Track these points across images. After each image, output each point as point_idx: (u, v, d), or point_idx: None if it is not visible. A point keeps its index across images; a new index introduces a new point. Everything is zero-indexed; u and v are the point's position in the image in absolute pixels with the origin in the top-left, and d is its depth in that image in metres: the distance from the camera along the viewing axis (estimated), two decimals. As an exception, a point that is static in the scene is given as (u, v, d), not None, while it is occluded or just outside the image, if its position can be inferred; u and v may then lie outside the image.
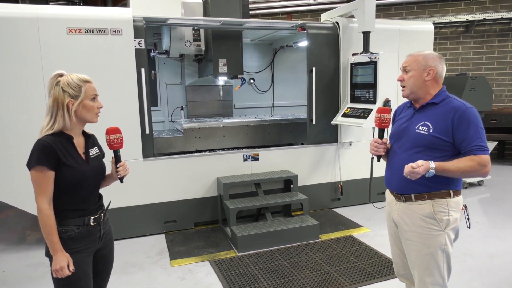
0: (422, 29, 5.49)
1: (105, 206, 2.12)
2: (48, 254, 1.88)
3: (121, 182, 2.10)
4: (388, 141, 2.31)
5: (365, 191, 5.18)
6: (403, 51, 5.23)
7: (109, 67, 4.07)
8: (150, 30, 5.50)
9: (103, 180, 2.11)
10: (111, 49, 4.06)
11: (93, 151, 2.05)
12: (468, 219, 2.17)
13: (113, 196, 2.42)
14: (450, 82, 6.26)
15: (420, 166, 1.92)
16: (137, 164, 4.29)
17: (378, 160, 2.31)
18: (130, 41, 4.12)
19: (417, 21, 7.10)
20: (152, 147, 4.41)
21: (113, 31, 4.04)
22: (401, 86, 2.21)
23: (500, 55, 8.51)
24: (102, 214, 2.03)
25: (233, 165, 4.78)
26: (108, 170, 2.13)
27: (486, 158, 1.94)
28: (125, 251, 4.03)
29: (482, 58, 8.54)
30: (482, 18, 8.13)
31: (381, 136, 2.24)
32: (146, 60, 4.28)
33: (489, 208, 5.16)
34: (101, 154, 2.13)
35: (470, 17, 8.18)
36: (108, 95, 4.04)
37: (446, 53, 8.65)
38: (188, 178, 4.59)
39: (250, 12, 7.52)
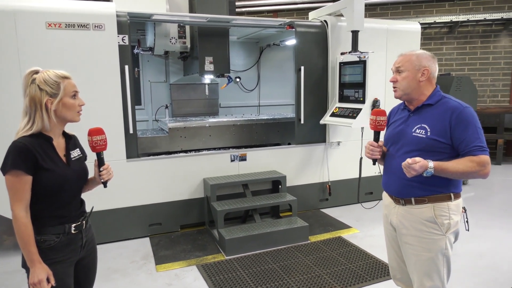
0: (410, 28, 5.49)
1: (88, 212, 1.98)
2: (24, 266, 1.73)
3: (105, 186, 1.96)
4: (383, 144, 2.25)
5: (354, 191, 5.14)
6: (391, 50, 5.21)
7: (91, 64, 3.90)
8: (134, 26, 5.32)
9: (85, 184, 1.97)
10: (93, 45, 3.89)
11: (75, 153, 1.91)
12: (467, 221, 2.12)
13: (95, 198, 2.28)
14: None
15: (417, 163, 1.84)
16: (121, 165, 4.13)
17: (374, 164, 2.23)
18: (113, 37, 3.96)
19: (405, 21, 7.11)
20: (136, 147, 4.25)
21: (95, 26, 3.87)
22: (394, 87, 2.14)
23: (482, 56, 8.63)
24: (84, 221, 1.90)
25: (220, 165, 4.66)
26: (91, 173, 1.99)
27: (486, 158, 1.89)
28: (108, 256, 3.87)
29: (465, 59, 8.65)
30: (465, 19, 8.23)
31: (376, 139, 2.17)
32: (130, 57, 4.12)
33: (474, 207, 5.20)
34: (83, 157, 1.99)
35: (454, 18, 8.27)
36: (90, 94, 3.87)
37: (430, 54, 8.71)
38: (173, 179, 4.45)
39: (236, 10, 7.40)
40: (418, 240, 2.03)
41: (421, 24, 5.73)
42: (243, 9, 8.71)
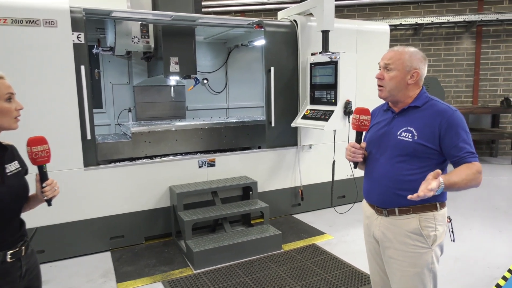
0: (379, 29, 5.44)
1: (29, 236, 1.69)
2: None
3: (49, 205, 1.68)
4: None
5: (326, 195, 5.02)
6: (361, 51, 5.14)
7: (42, 64, 3.55)
8: (93, 24, 4.98)
9: (25, 203, 1.68)
10: (44, 43, 3.53)
11: (12, 167, 1.62)
12: (452, 231, 1.99)
13: (48, 211, 1.97)
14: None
15: (435, 188, 1.59)
16: (77, 174, 3.79)
17: (355, 167, 2.06)
18: (67, 35, 3.62)
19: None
20: (94, 154, 3.92)
21: (46, 22, 3.52)
22: (379, 85, 1.97)
23: (446, 57, 8.82)
24: (23, 247, 1.61)
25: (187, 172, 4.40)
26: (32, 189, 1.71)
27: (480, 165, 1.77)
28: (63, 275, 3.51)
29: (430, 61, 8.79)
30: (430, 22, 8.37)
31: (358, 140, 1.99)
32: (87, 57, 3.79)
33: (445, 208, 5.19)
34: (23, 170, 1.70)
35: (419, 20, 8.39)
36: (41, 97, 3.54)
37: (396, 55, 8.81)
38: (136, 187, 4.15)
39: (202, 10, 7.15)
40: (402, 254, 1.88)
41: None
42: (210, 9, 8.47)
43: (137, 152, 4.52)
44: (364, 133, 2.02)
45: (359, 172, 2.25)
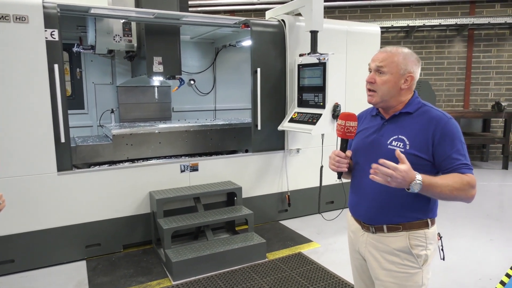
0: (370, 31, 5.31)
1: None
2: None
3: None
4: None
5: (314, 201, 4.86)
6: (351, 53, 5.00)
7: (11, 62, 3.33)
8: (73, 22, 4.78)
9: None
10: (14, 39, 3.32)
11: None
12: (442, 249, 1.83)
13: (19, 218, 1.78)
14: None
15: (403, 170, 1.47)
16: (50, 179, 3.59)
17: (339, 178, 1.89)
18: (40, 31, 3.42)
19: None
20: (69, 157, 3.71)
21: (16, 18, 3.31)
22: (369, 89, 1.80)
23: (437, 60, 8.74)
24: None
25: (168, 177, 4.21)
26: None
27: (474, 178, 1.60)
28: (33, 286, 3.31)
29: (421, 64, 8.69)
30: (421, 24, 8.28)
31: (344, 148, 1.80)
32: (61, 55, 3.59)
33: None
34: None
35: (411, 23, 8.29)
36: (10, 96, 3.33)
37: (388, 58, 8.72)
38: (115, 193, 3.95)
39: (190, 9, 6.98)
40: (391, 275, 1.72)
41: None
42: (198, 9, 8.30)
43: (118, 155, 4.32)
44: (349, 140, 1.85)
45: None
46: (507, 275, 3.45)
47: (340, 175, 1.86)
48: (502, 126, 8.27)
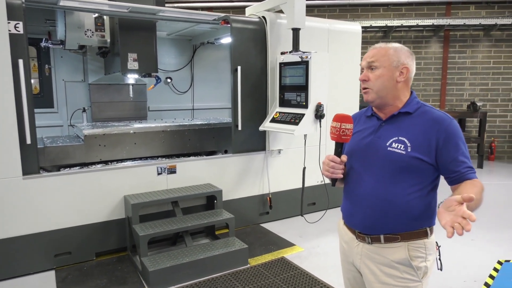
0: (351, 29, 5.25)
1: None
2: None
3: None
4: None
5: (295, 203, 4.75)
6: (332, 51, 4.92)
7: (-29, 56, 3.07)
8: (41, 15, 4.50)
9: None
10: (-27, 32, 3.06)
11: None
12: (439, 259, 1.73)
13: None
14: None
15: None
16: (15, 184, 3.33)
17: (333, 184, 1.74)
18: (2, 23, 3.15)
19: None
20: (36, 160, 3.45)
21: (-25, 8, 3.04)
22: (363, 88, 1.68)
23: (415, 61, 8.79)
24: None
25: (145, 180, 4.00)
26: None
27: (481, 182, 1.52)
28: (-4, 300, 3.06)
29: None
30: (399, 24, 8.33)
31: (338, 152, 1.66)
32: (26, 49, 3.32)
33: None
34: None
35: (389, 23, 8.33)
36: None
37: (366, 58, 8.75)
38: (87, 197, 3.71)
39: (166, 5, 6.75)
40: (389, 289, 1.61)
41: (359, 27, 5.56)
42: (175, 5, 8.06)
43: (90, 157, 4.07)
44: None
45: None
46: (491, 276, 3.43)
47: (334, 181, 1.72)
48: (477, 126, 8.42)
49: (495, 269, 3.55)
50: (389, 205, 1.59)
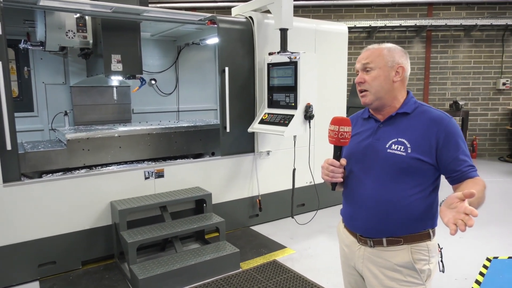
0: (338, 30, 5.24)
1: None
2: None
3: None
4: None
5: (285, 204, 4.72)
6: (319, 51, 4.90)
7: None
8: (20, 15, 4.32)
9: None
10: None
11: None
12: (441, 260, 1.71)
13: None
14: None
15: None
16: (-5, 192, 3.18)
17: (333, 189, 1.70)
18: (-21, 24, 3.01)
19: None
20: (17, 166, 3.31)
21: (-50, 8, 2.90)
22: (360, 90, 1.66)
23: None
24: None
25: (131, 185, 3.90)
26: None
27: (483, 180, 1.51)
28: (-24, 315, 2.91)
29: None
30: (383, 25, 8.40)
31: (337, 156, 1.62)
32: (5, 51, 3.19)
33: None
34: None
35: (373, 23, 8.39)
36: None
37: (350, 58, 8.77)
38: (72, 204, 3.58)
39: (149, 6, 6.63)
40: (393, 294, 1.57)
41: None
42: (158, 5, 7.92)
43: (73, 162, 3.94)
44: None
45: (320, 178, 1.79)
46: (481, 273, 3.46)
47: (334, 186, 1.67)
48: (459, 125, 8.57)
49: (485, 266, 3.59)
50: (391, 208, 1.56)
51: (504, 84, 8.69)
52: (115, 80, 4.84)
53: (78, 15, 4.11)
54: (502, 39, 8.70)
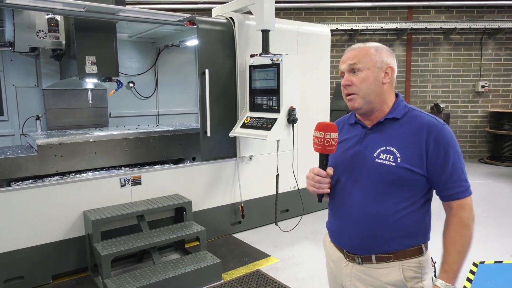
0: (320, 31, 5.16)
1: None
2: None
3: None
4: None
5: (268, 210, 4.59)
6: (302, 53, 4.81)
7: None
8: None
9: None
10: None
11: None
12: (435, 274, 1.60)
13: None
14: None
15: None
16: (-45, 203, 2.94)
17: (320, 200, 1.57)
18: None
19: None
20: (-19, 176, 3.09)
21: None
22: (347, 94, 1.53)
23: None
24: None
25: (106, 193, 3.70)
26: None
27: (471, 203, 1.42)
28: None
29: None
30: (364, 28, 8.40)
31: (323, 165, 1.49)
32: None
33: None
34: None
35: (354, 26, 8.38)
36: None
37: (332, 60, 8.75)
38: (41, 215, 3.36)
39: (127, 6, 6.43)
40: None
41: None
42: (137, 6, 7.72)
43: (45, 168, 3.72)
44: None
45: (304, 183, 1.68)
46: (468, 279, 3.41)
47: (321, 197, 1.55)
48: (440, 127, 8.63)
49: (472, 272, 3.54)
50: (380, 223, 1.44)
51: (483, 86, 8.81)
52: (90, 82, 4.63)
53: (50, 15, 3.91)
54: (480, 42, 8.82)
